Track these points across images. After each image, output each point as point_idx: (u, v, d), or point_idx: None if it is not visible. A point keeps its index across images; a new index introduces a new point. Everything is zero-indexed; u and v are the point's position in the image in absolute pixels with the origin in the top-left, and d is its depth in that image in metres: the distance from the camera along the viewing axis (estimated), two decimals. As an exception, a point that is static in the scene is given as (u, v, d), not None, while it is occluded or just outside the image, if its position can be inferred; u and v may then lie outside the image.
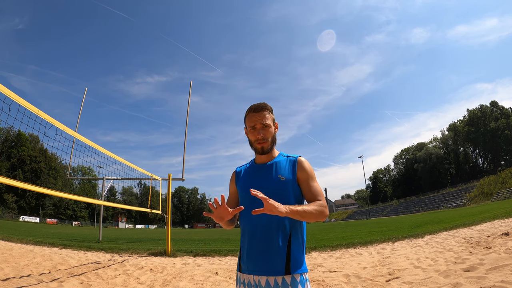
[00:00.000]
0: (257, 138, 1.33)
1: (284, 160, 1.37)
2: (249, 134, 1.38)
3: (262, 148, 1.34)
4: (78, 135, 4.85)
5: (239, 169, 1.50)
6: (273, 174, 1.33)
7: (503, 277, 3.13)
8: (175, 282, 4.50)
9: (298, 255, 1.24)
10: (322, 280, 4.11)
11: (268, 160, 1.38)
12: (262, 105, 1.36)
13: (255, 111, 1.36)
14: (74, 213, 65.56)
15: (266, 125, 1.34)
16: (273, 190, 1.27)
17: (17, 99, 3.16)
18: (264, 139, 1.34)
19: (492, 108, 64.01)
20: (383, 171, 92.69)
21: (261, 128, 1.34)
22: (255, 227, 1.28)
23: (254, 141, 1.35)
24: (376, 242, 8.40)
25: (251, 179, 1.38)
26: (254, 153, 1.42)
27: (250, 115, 1.36)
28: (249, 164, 1.48)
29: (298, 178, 1.32)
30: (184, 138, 10.31)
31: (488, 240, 5.87)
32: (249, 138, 1.39)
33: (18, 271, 4.86)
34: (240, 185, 1.41)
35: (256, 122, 1.34)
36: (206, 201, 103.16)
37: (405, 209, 57.45)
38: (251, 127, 1.35)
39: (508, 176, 39.35)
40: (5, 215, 47.67)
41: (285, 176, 1.31)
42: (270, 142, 1.35)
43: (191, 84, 11.24)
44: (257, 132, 1.34)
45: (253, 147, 1.38)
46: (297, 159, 1.36)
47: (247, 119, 1.38)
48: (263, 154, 1.37)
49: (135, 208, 8.41)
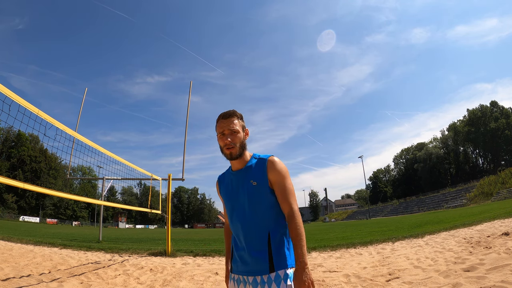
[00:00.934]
0: (225, 143, 1.35)
1: (255, 163, 1.38)
2: (218, 140, 1.40)
3: (231, 153, 1.35)
4: (78, 135, 4.85)
5: (220, 177, 1.54)
6: (246, 180, 1.35)
7: (503, 277, 3.13)
8: (175, 282, 4.50)
9: (281, 252, 1.27)
10: (322, 280, 4.11)
11: (241, 165, 1.39)
12: (230, 112, 1.40)
13: (224, 118, 1.39)
14: (74, 213, 65.53)
15: (235, 130, 1.36)
16: (247, 197, 1.33)
17: (17, 99, 3.16)
18: (232, 143, 1.35)
19: (492, 108, 64.00)
20: (383, 171, 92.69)
21: (229, 134, 1.36)
22: (237, 231, 1.35)
23: (223, 147, 1.37)
24: (376, 242, 8.39)
25: (227, 188, 1.44)
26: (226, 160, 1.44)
27: (220, 122, 1.39)
28: (227, 171, 1.51)
29: (269, 180, 1.31)
30: (184, 138, 10.32)
31: (488, 240, 5.87)
32: (220, 145, 1.40)
33: (18, 271, 4.86)
34: (222, 193, 1.48)
35: (224, 128, 1.36)
36: (206, 201, 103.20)
37: (405, 209, 57.45)
38: (220, 133, 1.38)
39: (508, 176, 39.35)
40: (5, 215, 47.65)
41: (256, 180, 1.32)
42: (238, 147, 1.36)
43: (191, 84, 11.25)
44: (225, 137, 1.36)
45: (223, 153, 1.39)
46: (267, 160, 1.34)
47: (217, 125, 1.41)
48: (232, 160, 1.38)
49: (135, 208, 8.42)
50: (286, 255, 1.28)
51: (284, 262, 1.26)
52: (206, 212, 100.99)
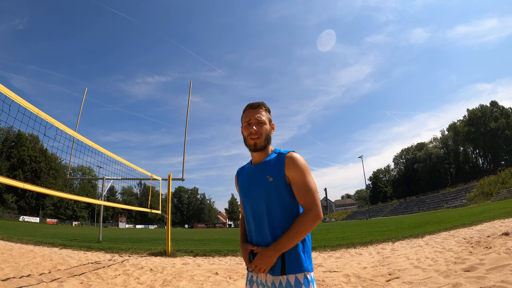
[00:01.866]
0: (250, 132, 1.31)
1: (274, 158, 1.31)
2: (243, 129, 1.36)
3: (255, 144, 1.30)
4: (78, 135, 4.85)
5: (240, 169, 1.49)
6: (263, 175, 1.28)
7: (503, 277, 3.13)
8: (175, 282, 4.50)
9: (295, 254, 1.19)
10: (322, 280, 4.10)
11: (261, 159, 1.34)
12: (259, 103, 1.37)
13: (252, 108, 1.36)
14: (74, 213, 65.50)
15: (261, 121, 1.32)
16: (263, 193, 1.26)
17: (17, 99, 3.16)
18: (258, 133, 1.30)
19: (492, 108, 63.98)
20: (383, 171, 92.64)
21: (256, 123, 1.32)
22: (251, 227, 1.32)
23: (247, 136, 1.33)
24: (376, 242, 8.39)
25: (244, 182, 1.38)
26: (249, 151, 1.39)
27: (247, 112, 1.36)
28: (247, 164, 1.46)
29: (287, 176, 1.24)
30: (184, 138, 10.31)
31: (488, 240, 5.87)
32: (243, 135, 1.36)
33: (18, 271, 4.86)
34: (239, 186, 1.42)
35: (251, 117, 1.33)
36: (206, 201, 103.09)
37: (405, 209, 57.43)
38: (246, 122, 1.34)
39: (508, 176, 39.34)
40: (5, 215, 47.62)
41: (273, 176, 1.25)
42: (263, 139, 1.31)
43: (191, 84, 11.25)
44: (251, 126, 1.32)
45: (247, 143, 1.35)
46: (285, 155, 1.27)
47: (244, 115, 1.37)
48: (255, 151, 1.33)
49: (135, 208, 8.41)
50: (302, 258, 1.20)
51: (298, 266, 1.18)
52: (206, 212, 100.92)
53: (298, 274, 1.17)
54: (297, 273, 1.18)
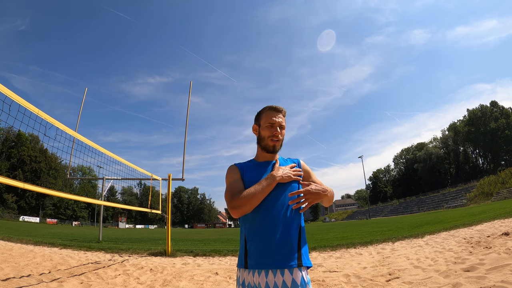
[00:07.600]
0: (274, 134, 1.34)
1: (286, 162, 1.43)
2: (264, 129, 1.36)
3: (274, 146, 1.36)
4: (78, 135, 4.85)
5: (240, 165, 1.41)
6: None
7: (503, 277, 3.13)
8: (175, 282, 4.50)
9: (305, 248, 1.27)
10: (322, 280, 4.10)
11: (272, 160, 1.41)
12: (282, 108, 1.41)
13: (276, 110, 1.38)
14: (74, 213, 65.48)
15: (283, 126, 1.38)
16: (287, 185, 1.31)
17: (17, 99, 3.16)
18: (281, 136, 1.37)
19: (492, 108, 63.94)
20: (383, 171, 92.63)
21: (279, 127, 1.36)
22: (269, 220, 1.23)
23: (268, 137, 1.35)
24: (376, 242, 8.39)
25: (262, 173, 1.33)
26: (261, 150, 1.39)
27: (270, 112, 1.37)
28: (249, 162, 1.43)
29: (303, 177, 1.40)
30: (184, 138, 10.31)
31: (488, 240, 5.87)
32: (261, 135, 1.37)
33: (18, 271, 4.86)
34: (250, 178, 1.32)
35: (276, 120, 1.36)
36: (206, 201, 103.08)
37: (405, 209, 57.44)
38: (269, 123, 1.35)
39: (508, 176, 39.32)
40: (5, 215, 47.59)
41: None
42: (281, 143, 1.39)
43: (191, 84, 11.24)
44: (275, 129, 1.35)
45: (264, 143, 1.36)
46: (299, 161, 1.47)
47: (265, 115, 1.38)
48: (272, 153, 1.38)
49: (135, 208, 8.40)
50: (307, 254, 1.29)
51: (308, 258, 1.26)
52: (206, 212, 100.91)
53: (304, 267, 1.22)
54: (305, 266, 1.22)
